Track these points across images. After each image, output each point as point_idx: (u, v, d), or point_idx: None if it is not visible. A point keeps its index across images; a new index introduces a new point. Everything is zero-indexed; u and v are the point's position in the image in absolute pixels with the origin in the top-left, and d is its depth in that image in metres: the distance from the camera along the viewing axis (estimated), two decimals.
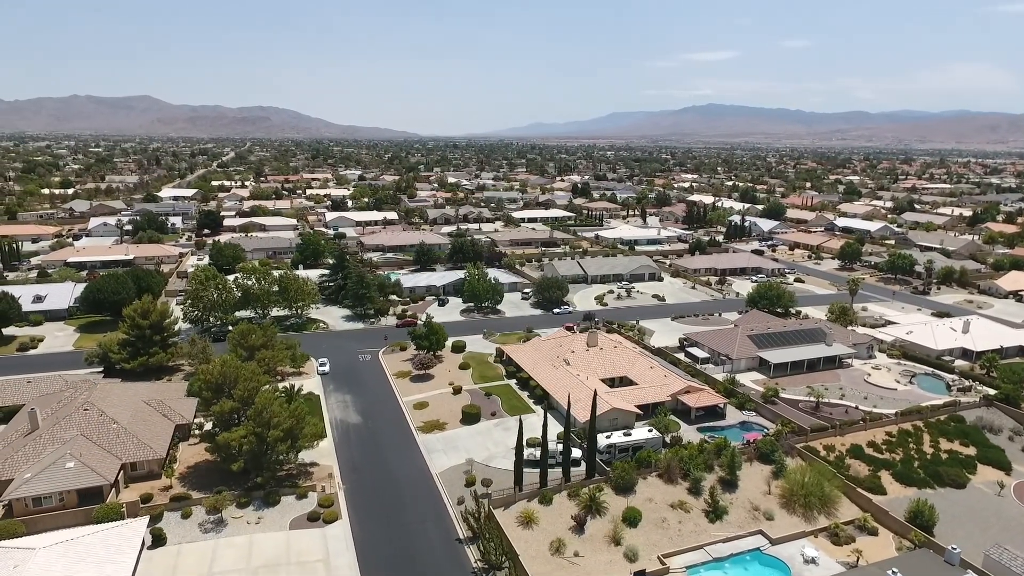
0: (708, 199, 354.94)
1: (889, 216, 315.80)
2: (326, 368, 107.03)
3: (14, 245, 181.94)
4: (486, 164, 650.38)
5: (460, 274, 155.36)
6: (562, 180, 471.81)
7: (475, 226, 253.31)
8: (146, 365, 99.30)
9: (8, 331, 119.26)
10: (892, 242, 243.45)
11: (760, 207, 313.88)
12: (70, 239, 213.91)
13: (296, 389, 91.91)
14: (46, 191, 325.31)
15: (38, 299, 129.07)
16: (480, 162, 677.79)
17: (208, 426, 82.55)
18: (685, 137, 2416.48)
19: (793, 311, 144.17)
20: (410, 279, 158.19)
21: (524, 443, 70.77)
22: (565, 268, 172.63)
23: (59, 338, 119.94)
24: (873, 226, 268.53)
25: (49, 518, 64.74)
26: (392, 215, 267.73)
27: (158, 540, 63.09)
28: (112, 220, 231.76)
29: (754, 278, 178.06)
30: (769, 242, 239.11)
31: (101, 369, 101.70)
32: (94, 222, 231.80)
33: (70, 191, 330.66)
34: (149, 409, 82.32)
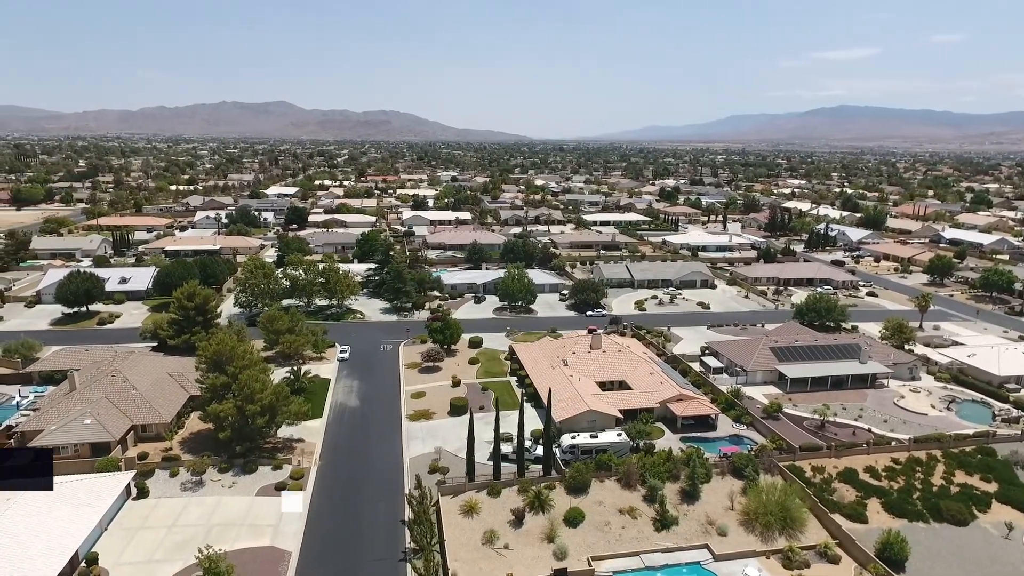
0: (806, 206, 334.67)
1: (1016, 228, 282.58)
2: (346, 355, 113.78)
3: (126, 234, 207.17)
4: (582, 167, 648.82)
5: (502, 273, 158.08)
6: (653, 184, 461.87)
7: (544, 227, 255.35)
8: (188, 342, 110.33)
9: (94, 307, 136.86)
10: (1005, 257, 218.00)
11: (859, 215, 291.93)
12: (176, 230, 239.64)
13: (304, 372, 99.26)
14: (173, 187, 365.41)
15: (123, 281, 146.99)
16: (578, 165, 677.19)
17: None
18: (810, 141, 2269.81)
19: (847, 326, 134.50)
20: (452, 276, 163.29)
21: (493, 437, 72.94)
22: (612, 271, 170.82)
23: (134, 315, 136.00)
24: (988, 239, 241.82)
25: (64, 465, 74.70)
26: (466, 215, 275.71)
27: (142, 493, 71.27)
28: (214, 214, 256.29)
29: (819, 289, 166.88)
30: (854, 253, 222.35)
31: (155, 343, 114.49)
32: (199, 215, 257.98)
33: (191, 187, 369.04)
34: (169, 379, 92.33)
